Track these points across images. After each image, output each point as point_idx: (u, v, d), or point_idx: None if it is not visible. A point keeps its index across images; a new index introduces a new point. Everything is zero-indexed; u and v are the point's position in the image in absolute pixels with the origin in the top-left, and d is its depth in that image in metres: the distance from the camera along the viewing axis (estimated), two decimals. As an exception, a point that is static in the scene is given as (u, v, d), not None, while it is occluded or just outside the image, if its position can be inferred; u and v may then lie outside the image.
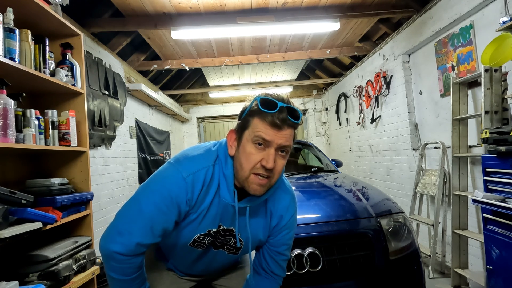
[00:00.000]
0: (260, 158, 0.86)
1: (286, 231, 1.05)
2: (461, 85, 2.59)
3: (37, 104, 1.86)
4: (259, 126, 0.85)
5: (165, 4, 2.93)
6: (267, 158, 0.85)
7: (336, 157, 6.04)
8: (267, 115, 0.84)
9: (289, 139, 0.87)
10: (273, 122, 0.84)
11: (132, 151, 3.92)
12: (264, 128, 0.85)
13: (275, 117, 0.84)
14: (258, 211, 1.02)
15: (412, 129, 3.56)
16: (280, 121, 0.84)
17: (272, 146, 0.85)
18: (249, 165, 0.87)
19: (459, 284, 2.56)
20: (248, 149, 0.87)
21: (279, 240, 1.06)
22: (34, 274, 1.50)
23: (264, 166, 0.85)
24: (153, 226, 0.90)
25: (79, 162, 1.99)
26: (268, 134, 0.85)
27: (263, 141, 0.85)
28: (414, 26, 3.28)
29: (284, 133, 0.85)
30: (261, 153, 0.86)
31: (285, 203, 1.04)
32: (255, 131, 0.86)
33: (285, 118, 0.84)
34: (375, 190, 2.16)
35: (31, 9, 1.60)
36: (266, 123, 0.85)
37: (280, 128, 0.85)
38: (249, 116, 0.88)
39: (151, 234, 0.90)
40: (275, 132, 0.85)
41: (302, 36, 4.03)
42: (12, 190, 1.39)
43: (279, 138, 0.85)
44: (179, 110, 6.21)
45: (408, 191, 3.60)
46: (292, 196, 1.07)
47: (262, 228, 1.04)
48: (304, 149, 3.48)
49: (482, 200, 1.88)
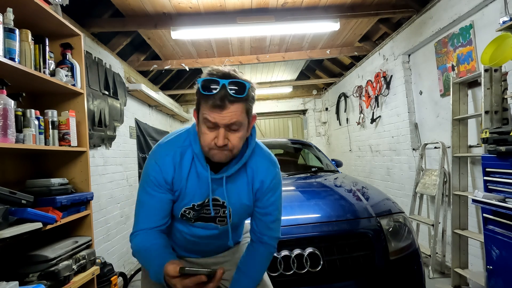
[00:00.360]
0: (213, 137, 0.91)
1: (270, 193, 1.09)
2: (461, 85, 2.59)
3: (37, 104, 1.86)
4: (204, 108, 0.90)
5: (165, 4, 2.93)
6: (218, 137, 0.90)
7: (336, 157, 6.04)
8: (208, 97, 0.87)
9: (235, 115, 0.88)
10: (214, 104, 0.87)
11: (132, 151, 3.91)
12: (208, 111, 0.88)
13: (216, 98, 0.86)
14: (238, 179, 1.07)
15: (412, 129, 3.56)
16: (220, 101, 0.86)
17: (220, 126, 0.89)
18: (205, 144, 0.94)
19: (459, 284, 2.56)
20: (202, 129, 0.93)
21: (265, 202, 1.10)
22: (34, 274, 1.50)
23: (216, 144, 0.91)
24: (152, 210, 1.03)
25: (79, 162, 1.98)
26: (213, 116, 0.88)
27: (210, 123, 0.89)
28: (414, 26, 3.28)
29: (227, 111, 0.87)
30: (212, 132, 0.91)
31: (263, 168, 1.08)
32: (203, 114, 0.90)
33: (225, 95, 0.86)
34: (375, 190, 2.16)
35: (31, 9, 1.60)
36: (209, 105, 0.88)
37: (222, 108, 0.87)
38: (197, 98, 0.93)
39: (154, 218, 1.03)
40: (218, 112, 0.87)
41: (302, 36, 4.03)
42: (12, 190, 1.39)
43: (223, 119, 0.88)
44: (179, 110, 6.21)
45: (408, 191, 3.60)
46: (270, 160, 1.11)
47: (246, 193, 1.08)
48: (304, 149, 3.48)
49: (482, 200, 1.88)
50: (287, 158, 3.38)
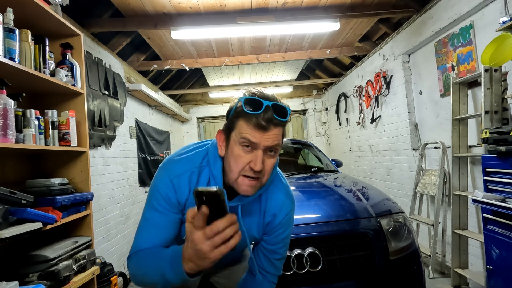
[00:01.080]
0: (248, 161, 0.84)
1: (281, 230, 1.04)
2: (461, 85, 2.59)
3: (37, 104, 1.86)
4: (245, 128, 0.83)
5: (165, 4, 2.93)
6: (255, 161, 0.83)
7: (336, 157, 6.04)
8: (252, 116, 0.81)
9: (276, 138, 0.84)
10: (258, 123, 0.81)
11: (132, 151, 3.91)
12: (250, 130, 0.82)
13: (260, 118, 0.81)
14: (251, 208, 1.01)
15: (412, 129, 3.56)
16: (265, 122, 0.81)
17: (260, 148, 0.83)
18: (238, 168, 0.85)
19: (459, 284, 2.56)
20: (236, 151, 0.85)
21: (273, 239, 1.04)
22: (34, 274, 1.50)
23: (252, 169, 0.84)
24: (159, 229, 0.93)
25: (79, 162, 1.99)
26: (254, 136, 0.82)
27: (249, 143, 0.83)
28: (414, 26, 3.28)
29: (270, 133, 0.82)
30: (248, 155, 0.84)
31: (278, 202, 1.02)
32: (241, 133, 0.83)
33: (271, 118, 0.81)
34: (375, 190, 2.16)
35: (31, 9, 1.60)
36: (251, 125, 0.82)
37: (266, 129, 0.82)
38: (235, 117, 0.86)
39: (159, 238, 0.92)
40: (261, 133, 0.82)
41: (302, 36, 4.03)
42: (12, 190, 1.39)
43: (266, 140, 0.82)
44: (179, 110, 6.21)
45: (408, 191, 3.60)
46: (287, 194, 1.04)
47: (256, 225, 1.02)
48: (304, 149, 3.48)
49: (482, 200, 1.88)
50: (287, 158, 3.37)
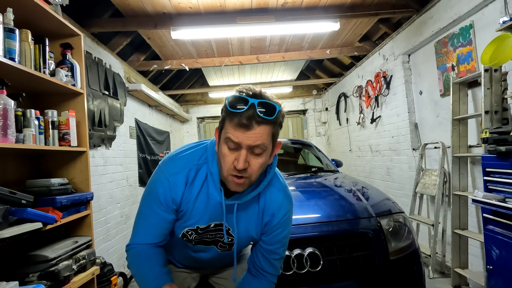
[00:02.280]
0: (233, 160, 0.84)
1: (279, 230, 1.03)
2: (461, 85, 2.59)
3: (37, 104, 1.86)
4: (229, 127, 0.83)
5: (165, 4, 2.93)
6: (238, 159, 0.83)
7: (336, 157, 6.04)
8: (235, 115, 0.81)
9: (260, 137, 0.82)
10: (239, 122, 0.80)
11: (132, 151, 3.91)
12: (233, 130, 0.82)
13: (243, 117, 0.80)
14: (249, 208, 1.01)
15: (412, 129, 3.56)
16: (247, 120, 0.80)
17: (242, 148, 0.82)
18: (225, 166, 0.86)
19: (459, 284, 2.56)
20: (223, 150, 0.86)
21: (272, 239, 1.04)
22: (34, 274, 1.50)
23: (235, 167, 0.84)
24: (153, 227, 1.00)
25: (79, 162, 1.99)
26: (236, 135, 0.82)
27: (232, 143, 0.83)
28: (414, 26, 3.28)
29: (253, 132, 0.81)
30: (233, 154, 0.84)
31: (277, 201, 1.02)
32: (226, 133, 0.84)
33: (253, 115, 0.80)
34: (375, 190, 2.16)
35: (31, 9, 1.60)
36: (234, 124, 0.82)
37: (247, 127, 0.80)
38: (223, 116, 0.87)
39: (153, 234, 1.00)
40: (243, 132, 0.81)
41: (302, 36, 4.03)
42: (12, 190, 1.39)
43: (247, 139, 0.81)
44: (179, 110, 6.21)
45: (408, 191, 3.60)
46: (285, 194, 1.04)
47: (254, 225, 1.02)
48: (304, 149, 3.48)
49: (482, 200, 1.88)
50: (287, 158, 3.37)
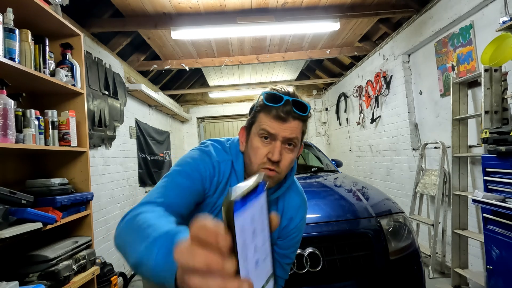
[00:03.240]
0: (266, 152, 0.86)
1: (295, 234, 1.05)
2: (461, 85, 2.59)
3: (37, 104, 1.86)
4: (264, 119, 0.87)
5: (165, 4, 2.93)
6: (273, 151, 0.85)
7: (336, 157, 6.04)
8: (272, 108, 0.85)
9: (295, 131, 0.86)
10: (277, 115, 0.85)
11: (132, 151, 3.91)
12: (269, 122, 0.86)
13: (280, 110, 0.84)
14: (270, 210, 0.99)
15: (412, 129, 3.56)
16: (284, 114, 0.84)
17: (278, 139, 0.86)
18: (257, 159, 0.87)
19: (459, 284, 2.56)
20: (255, 143, 0.88)
21: (287, 243, 1.05)
22: (34, 274, 1.50)
23: (270, 159, 0.86)
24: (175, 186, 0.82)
25: (79, 162, 1.99)
26: (273, 127, 0.85)
27: (268, 134, 0.86)
28: (414, 26, 3.28)
29: (289, 125, 0.85)
30: (267, 146, 0.87)
31: (295, 205, 1.04)
32: (260, 125, 0.87)
33: (290, 110, 0.85)
34: (375, 190, 2.16)
35: (31, 9, 1.60)
36: (271, 116, 0.85)
37: (284, 120, 0.85)
38: (256, 111, 0.90)
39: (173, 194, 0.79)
40: (280, 124, 0.85)
41: (302, 36, 4.03)
42: (12, 190, 1.39)
43: (284, 131, 0.85)
44: (179, 110, 6.21)
45: (408, 191, 3.60)
46: (303, 198, 1.07)
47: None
48: (304, 149, 3.48)
49: (482, 200, 1.88)
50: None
